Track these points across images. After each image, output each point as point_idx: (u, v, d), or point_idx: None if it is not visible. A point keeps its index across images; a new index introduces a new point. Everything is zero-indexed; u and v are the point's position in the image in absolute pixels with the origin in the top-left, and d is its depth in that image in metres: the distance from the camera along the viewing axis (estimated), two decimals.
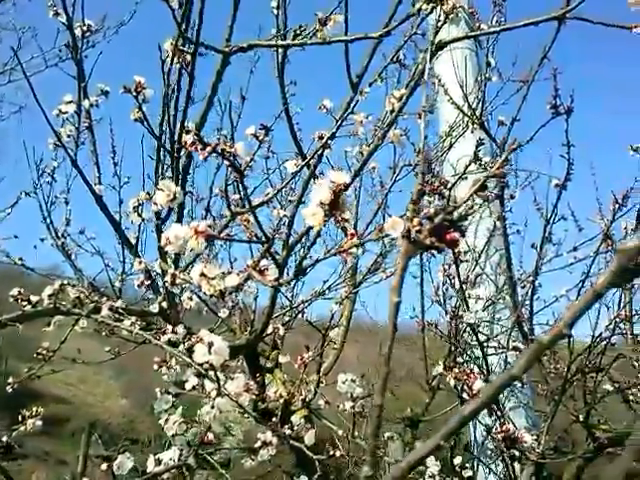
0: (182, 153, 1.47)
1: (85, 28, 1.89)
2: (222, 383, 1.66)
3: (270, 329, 2.18)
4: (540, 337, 0.41)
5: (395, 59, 1.51)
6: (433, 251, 0.49)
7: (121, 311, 2.03)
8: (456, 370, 1.20)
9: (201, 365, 1.10)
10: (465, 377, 1.15)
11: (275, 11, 2.00)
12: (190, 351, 1.32)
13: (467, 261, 1.72)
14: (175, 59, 1.36)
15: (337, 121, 1.82)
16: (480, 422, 2.48)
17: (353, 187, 3.19)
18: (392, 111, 1.72)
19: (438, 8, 1.36)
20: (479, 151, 1.39)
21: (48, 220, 2.79)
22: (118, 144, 2.64)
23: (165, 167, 1.63)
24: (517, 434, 1.05)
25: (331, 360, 3.08)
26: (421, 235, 0.48)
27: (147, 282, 2.10)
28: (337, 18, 1.32)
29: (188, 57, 1.36)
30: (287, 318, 2.79)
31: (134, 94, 1.24)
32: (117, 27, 2.77)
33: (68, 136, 1.97)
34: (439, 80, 2.44)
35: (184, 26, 1.36)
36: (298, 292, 3.26)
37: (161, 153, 1.57)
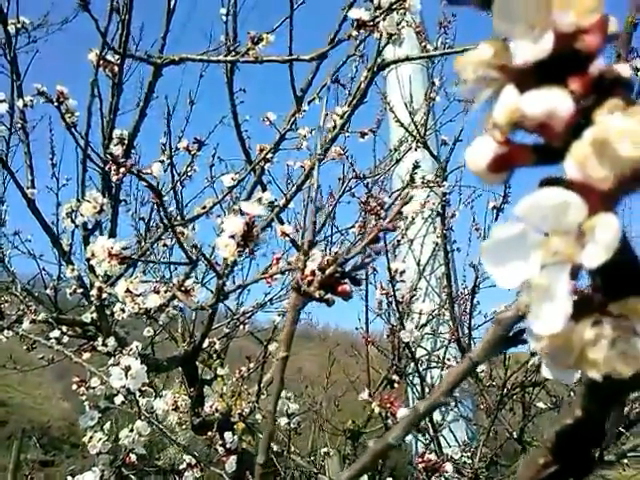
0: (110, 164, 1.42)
1: (19, 25, 1.81)
2: (150, 401, 1.61)
3: (206, 343, 2.14)
4: (417, 405, 0.39)
5: (334, 79, 1.50)
6: (324, 303, 0.47)
7: (51, 321, 1.96)
8: (380, 397, 1.19)
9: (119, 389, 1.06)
10: (389, 405, 1.14)
11: (224, 18, 1.97)
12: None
13: (403, 281, 1.73)
14: (101, 69, 1.31)
15: (280, 135, 1.80)
16: (420, 440, 2.49)
17: (301, 197, 3.17)
18: (334, 128, 1.71)
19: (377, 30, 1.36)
20: (415, 173, 1.40)
21: None
22: (58, 144, 2.55)
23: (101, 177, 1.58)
24: (438, 463, 1.04)
25: (272, 373, 3.05)
26: (311, 287, 0.46)
27: (80, 290, 2.03)
28: (269, 38, 1.29)
29: (116, 68, 1.32)
30: (228, 330, 2.74)
31: (56, 104, 1.19)
32: (61, 24, 2.67)
33: None
34: (385, 97, 2.45)
35: (124, 35, 1.31)
36: (243, 301, 3.21)
37: (87, 164, 1.51)
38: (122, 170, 0.85)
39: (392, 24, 1.12)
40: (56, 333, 1.84)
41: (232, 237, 0.73)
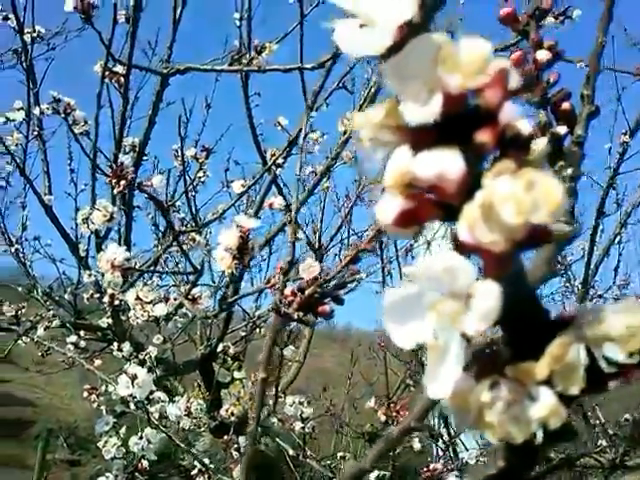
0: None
1: (35, 34, 1.84)
2: (164, 406, 1.62)
3: (221, 347, 2.15)
4: (391, 430, 0.39)
5: (342, 85, 1.50)
6: (303, 324, 0.47)
7: (68, 326, 1.99)
8: (385, 407, 1.18)
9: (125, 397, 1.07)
10: (395, 414, 1.13)
11: (238, 22, 1.98)
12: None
13: None
14: (107, 80, 1.33)
15: (289, 141, 1.81)
16: (437, 445, 2.48)
17: (319, 199, 3.18)
18: (345, 132, 1.71)
19: None
20: None
21: (2, 226, 2.72)
22: (75, 150, 2.60)
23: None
24: (443, 473, 1.03)
25: (291, 375, 3.05)
26: (290, 309, 0.46)
27: (97, 295, 2.05)
28: (272, 47, 1.29)
29: (122, 79, 1.33)
30: (244, 333, 2.75)
31: (63, 115, 1.21)
32: (79, 30, 2.71)
33: (16, 145, 1.92)
34: None
35: (130, 47, 1.33)
36: (260, 304, 3.22)
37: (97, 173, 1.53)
38: (123, 183, 0.86)
39: None
40: (73, 338, 1.86)
41: (228, 250, 0.73)
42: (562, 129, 0.34)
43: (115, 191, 0.90)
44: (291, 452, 2.22)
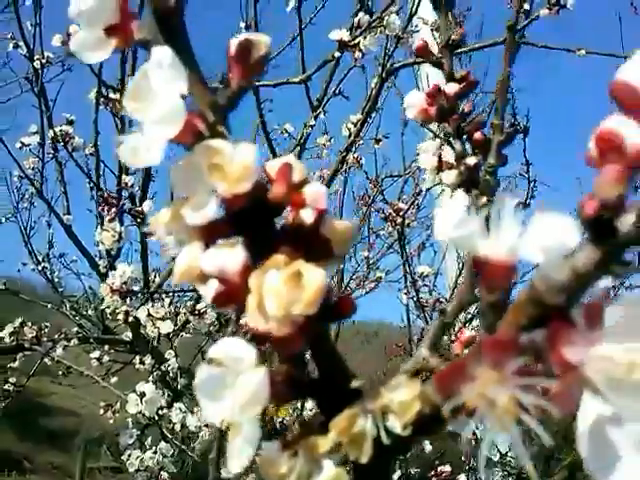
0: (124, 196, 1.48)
1: (44, 60, 1.89)
2: (185, 417, 1.65)
3: None
4: None
5: (337, 92, 1.51)
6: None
7: (92, 341, 2.04)
8: None
9: (135, 415, 1.10)
10: None
11: (244, 32, 2.00)
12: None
13: (427, 285, 1.72)
14: (101, 107, 1.36)
15: (298, 144, 1.82)
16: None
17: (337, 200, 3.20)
18: (349, 136, 1.72)
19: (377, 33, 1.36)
20: (424, 178, 1.39)
21: (29, 245, 2.81)
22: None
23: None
24: (452, 475, 1.04)
25: None
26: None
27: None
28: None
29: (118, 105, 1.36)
30: None
31: (62, 143, 1.25)
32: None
33: (33, 169, 1.98)
34: (403, 97, 2.44)
35: (122, 73, 1.35)
36: None
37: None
38: (113, 210, 0.89)
39: (373, 42, 1.13)
40: (96, 353, 1.91)
41: None
42: (472, 160, 0.35)
43: (107, 219, 0.93)
44: None
